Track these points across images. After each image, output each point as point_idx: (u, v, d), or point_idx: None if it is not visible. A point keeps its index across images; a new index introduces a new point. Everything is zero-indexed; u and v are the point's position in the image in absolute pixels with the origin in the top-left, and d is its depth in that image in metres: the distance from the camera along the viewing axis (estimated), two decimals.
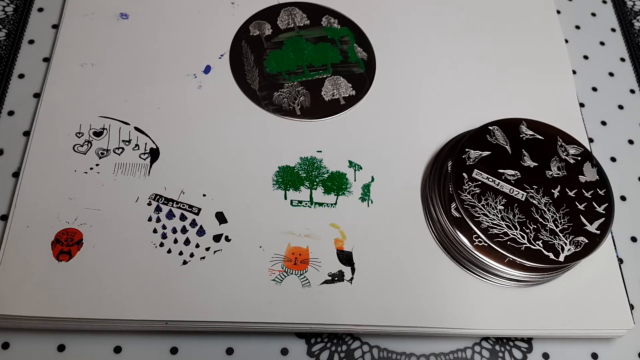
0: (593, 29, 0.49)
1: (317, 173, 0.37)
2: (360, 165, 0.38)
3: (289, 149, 0.38)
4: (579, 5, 0.50)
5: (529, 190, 0.36)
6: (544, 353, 0.35)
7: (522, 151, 0.37)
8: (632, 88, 0.46)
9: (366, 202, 0.37)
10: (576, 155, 0.37)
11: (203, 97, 0.39)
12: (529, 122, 0.38)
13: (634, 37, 0.49)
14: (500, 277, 0.35)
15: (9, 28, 0.43)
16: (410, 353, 0.34)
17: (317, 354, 0.34)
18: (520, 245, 0.34)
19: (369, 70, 0.42)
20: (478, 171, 0.36)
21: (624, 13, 0.50)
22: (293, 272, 0.34)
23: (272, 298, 0.33)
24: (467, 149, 0.37)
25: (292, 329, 0.33)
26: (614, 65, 0.47)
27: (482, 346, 0.35)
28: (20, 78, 0.41)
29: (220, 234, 0.35)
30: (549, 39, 0.46)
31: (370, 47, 0.43)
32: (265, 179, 0.37)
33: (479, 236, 0.34)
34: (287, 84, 0.41)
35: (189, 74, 0.40)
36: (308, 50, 0.42)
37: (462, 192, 0.35)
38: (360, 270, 0.34)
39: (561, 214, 0.35)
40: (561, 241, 0.34)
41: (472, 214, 0.34)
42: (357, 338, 0.35)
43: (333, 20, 0.44)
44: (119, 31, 0.42)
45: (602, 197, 0.36)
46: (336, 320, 0.33)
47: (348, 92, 0.41)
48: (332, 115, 0.40)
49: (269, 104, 0.40)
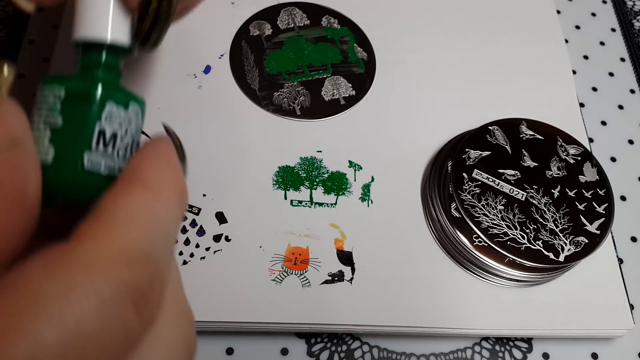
0: (593, 29, 0.49)
1: (317, 173, 0.37)
2: (360, 165, 0.38)
3: (289, 149, 0.38)
4: (579, 5, 0.50)
5: (529, 190, 0.36)
6: (544, 353, 0.35)
7: (522, 151, 0.37)
8: (632, 88, 0.46)
9: (366, 202, 0.37)
10: (576, 155, 0.37)
11: (203, 97, 0.39)
12: (529, 122, 0.38)
13: (634, 37, 0.49)
14: (500, 277, 0.35)
15: (9, 28, 0.43)
16: (410, 353, 0.34)
17: (317, 354, 0.34)
18: (520, 245, 0.34)
19: (369, 70, 0.42)
20: (478, 171, 0.36)
21: (624, 13, 0.50)
22: (293, 272, 0.34)
23: (272, 298, 0.33)
24: (467, 149, 0.37)
25: (292, 329, 0.33)
26: (614, 65, 0.47)
27: (482, 346, 0.35)
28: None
29: (220, 234, 0.35)
30: (549, 39, 0.45)
31: (370, 47, 0.43)
32: (265, 179, 0.37)
33: (479, 236, 0.34)
34: (287, 84, 0.41)
35: (189, 74, 0.40)
36: (308, 50, 0.42)
37: (462, 192, 0.35)
38: (360, 270, 0.34)
39: (561, 214, 0.35)
40: (561, 241, 0.34)
41: (472, 214, 0.34)
42: (357, 338, 0.35)
43: (333, 20, 0.44)
44: None
45: (602, 197, 0.36)
46: (336, 320, 0.33)
47: (348, 92, 0.41)
48: (332, 115, 0.40)
49: (269, 104, 0.40)
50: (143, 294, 0.14)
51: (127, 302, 0.14)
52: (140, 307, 0.14)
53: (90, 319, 0.13)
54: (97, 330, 0.13)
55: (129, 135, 0.16)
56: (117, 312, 0.14)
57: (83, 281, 0.13)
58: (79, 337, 0.13)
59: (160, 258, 0.15)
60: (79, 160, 0.16)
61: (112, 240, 0.14)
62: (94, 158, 0.16)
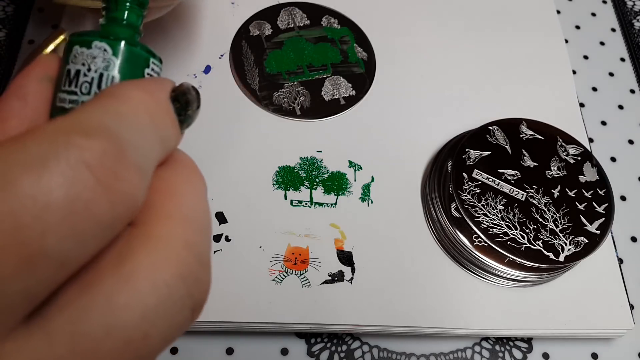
0: (593, 29, 0.49)
1: (317, 173, 0.37)
2: (360, 165, 0.38)
3: (289, 149, 0.38)
4: (579, 5, 0.50)
5: (529, 190, 0.36)
6: (544, 353, 0.35)
7: (522, 151, 0.37)
8: (632, 88, 0.46)
9: (366, 202, 0.37)
10: (576, 155, 0.37)
11: (203, 97, 0.39)
12: (529, 122, 0.38)
13: (634, 37, 0.49)
14: (500, 277, 0.35)
15: (9, 28, 0.43)
16: (410, 353, 0.34)
17: (317, 354, 0.34)
18: (520, 245, 0.34)
19: (369, 70, 0.42)
20: (478, 171, 0.36)
21: (624, 13, 0.50)
22: (293, 272, 0.34)
23: (272, 298, 0.33)
24: (467, 149, 0.37)
25: (292, 329, 0.33)
26: (614, 65, 0.47)
27: (482, 346, 0.35)
28: None
29: (220, 234, 0.35)
30: (549, 39, 0.46)
31: (370, 47, 0.43)
32: (265, 179, 0.37)
33: (479, 236, 0.34)
34: (287, 84, 0.41)
35: (189, 74, 0.40)
36: (308, 50, 0.42)
37: (462, 192, 0.35)
38: (360, 270, 0.34)
39: (561, 214, 0.35)
40: (561, 241, 0.34)
41: (472, 214, 0.34)
42: (357, 338, 0.35)
43: (333, 20, 0.44)
44: None
45: (602, 197, 0.36)
46: (336, 320, 0.33)
47: (348, 92, 0.41)
48: (332, 115, 0.40)
49: (269, 104, 0.40)
50: (106, 166, 0.14)
51: (81, 169, 0.13)
52: (105, 180, 0.14)
53: (35, 182, 0.13)
54: (43, 195, 0.13)
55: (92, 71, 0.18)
56: (68, 176, 0.13)
57: (32, 146, 0.13)
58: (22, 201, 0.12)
59: (128, 142, 0.15)
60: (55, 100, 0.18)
61: (71, 117, 0.14)
62: (62, 95, 0.18)
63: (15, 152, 0.13)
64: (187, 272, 0.15)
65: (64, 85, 0.18)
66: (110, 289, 0.14)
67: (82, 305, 0.14)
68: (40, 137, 0.13)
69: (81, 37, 0.19)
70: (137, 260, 0.14)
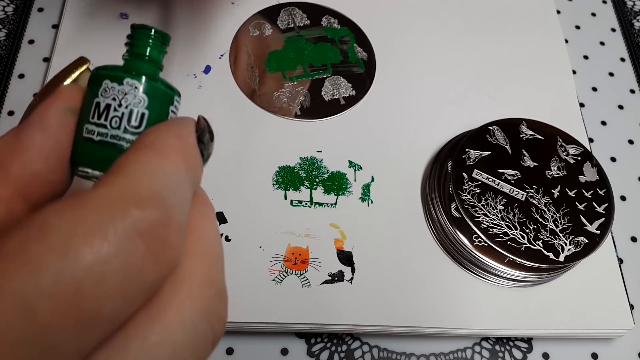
0: (593, 29, 0.49)
1: (317, 173, 0.37)
2: (360, 165, 0.38)
3: (289, 149, 0.38)
4: (579, 5, 0.50)
5: (529, 190, 0.36)
6: (544, 353, 0.35)
7: (522, 151, 0.37)
8: (632, 88, 0.46)
9: (366, 202, 0.37)
10: (576, 155, 0.37)
11: (203, 97, 0.39)
12: (529, 122, 0.38)
13: (634, 37, 0.49)
14: (500, 277, 0.35)
15: (9, 28, 0.43)
16: (410, 353, 0.34)
17: (317, 354, 0.34)
18: (520, 245, 0.34)
19: (369, 70, 0.42)
20: (478, 171, 0.36)
21: (624, 13, 0.50)
22: (293, 272, 0.34)
23: (272, 298, 0.33)
24: (467, 149, 0.37)
25: (292, 329, 0.33)
26: (614, 65, 0.47)
27: (482, 346, 0.35)
28: (20, 78, 0.41)
29: (220, 234, 0.35)
30: (549, 39, 0.46)
31: (370, 47, 0.43)
32: (265, 179, 0.37)
33: (479, 236, 0.34)
34: (287, 84, 0.41)
35: (189, 74, 0.40)
36: (308, 50, 0.42)
37: (462, 192, 0.35)
38: (360, 270, 0.34)
39: (561, 214, 0.35)
40: (561, 241, 0.34)
41: (472, 214, 0.34)
42: (357, 338, 0.35)
43: (333, 20, 0.44)
44: (119, 31, 0.42)
45: (602, 197, 0.36)
46: (336, 320, 0.33)
47: (348, 92, 0.41)
48: (332, 115, 0.40)
49: (269, 104, 0.40)
50: (156, 234, 0.15)
51: (135, 239, 0.14)
52: (154, 248, 0.14)
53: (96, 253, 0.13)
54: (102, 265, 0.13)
55: (123, 106, 0.18)
56: (125, 247, 0.14)
57: (92, 217, 0.14)
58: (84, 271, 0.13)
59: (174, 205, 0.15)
60: (81, 131, 0.18)
61: (123, 183, 0.15)
62: (90, 127, 0.18)
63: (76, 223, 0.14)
64: (210, 309, 0.17)
65: (92, 117, 0.18)
66: (143, 329, 0.15)
67: (119, 345, 0.14)
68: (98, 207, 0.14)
69: (112, 72, 0.19)
70: (165, 300, 0.15)
